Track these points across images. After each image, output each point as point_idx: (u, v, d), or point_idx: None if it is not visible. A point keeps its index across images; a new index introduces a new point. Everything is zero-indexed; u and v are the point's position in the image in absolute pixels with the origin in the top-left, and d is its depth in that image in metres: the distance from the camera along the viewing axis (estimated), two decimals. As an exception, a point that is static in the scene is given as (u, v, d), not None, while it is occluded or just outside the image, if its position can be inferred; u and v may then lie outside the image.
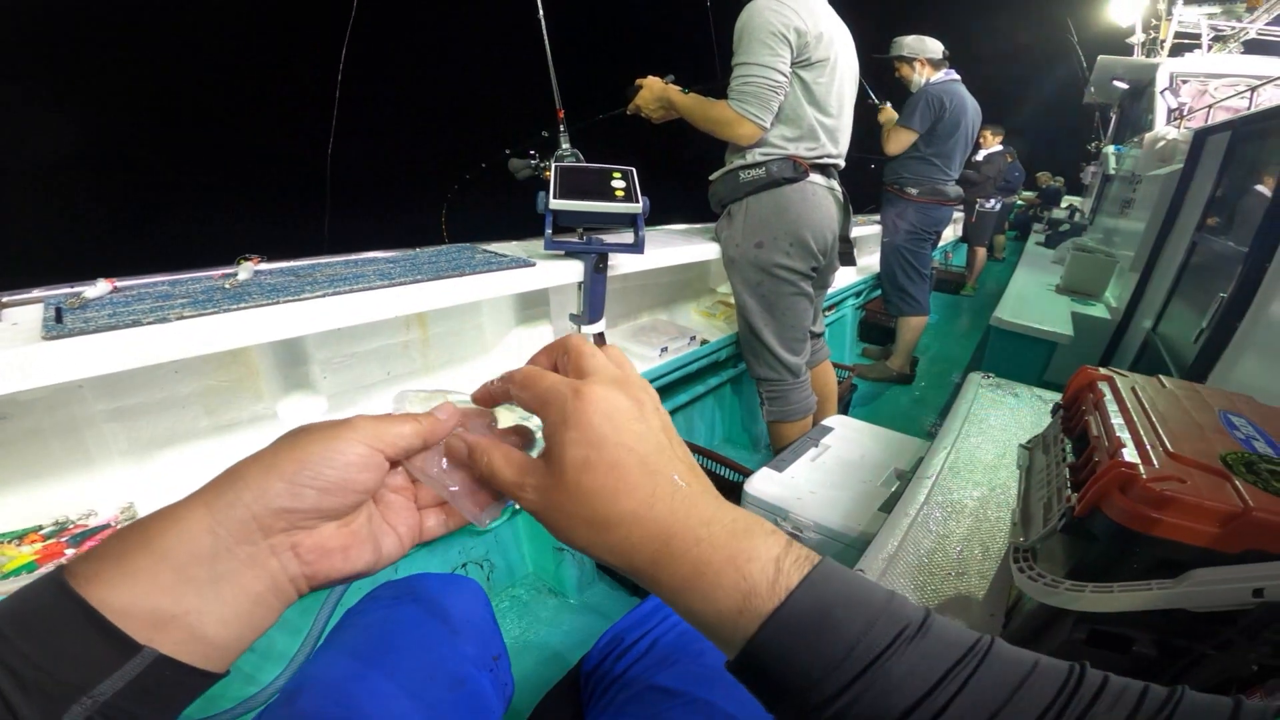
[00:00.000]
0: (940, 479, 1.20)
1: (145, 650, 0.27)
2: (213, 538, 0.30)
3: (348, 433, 0.34)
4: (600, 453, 0.34)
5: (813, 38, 1.54)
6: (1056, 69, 13.26)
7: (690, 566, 0.33)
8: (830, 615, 0.31)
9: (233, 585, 0.31)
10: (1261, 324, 1.48)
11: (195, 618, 0.29)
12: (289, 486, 0.32)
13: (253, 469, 0.32)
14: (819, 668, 0.30)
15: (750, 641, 0.31)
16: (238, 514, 0.31)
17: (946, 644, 0.31)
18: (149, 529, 0.30)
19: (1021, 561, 0.64)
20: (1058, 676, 0.30)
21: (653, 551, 0.34)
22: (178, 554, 0.29)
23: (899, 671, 0.30)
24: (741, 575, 0.32)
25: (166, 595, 0.28)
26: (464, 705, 0.58)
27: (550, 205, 1.35)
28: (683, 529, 0.34)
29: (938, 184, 2.94)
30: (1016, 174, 6.53)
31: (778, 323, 1.76)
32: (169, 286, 1.08)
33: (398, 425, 0.37)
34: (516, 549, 1.59)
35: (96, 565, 0.28)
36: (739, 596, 0.32)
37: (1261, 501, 0.51)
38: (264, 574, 0.32)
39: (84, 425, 1.01)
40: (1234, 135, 2.11)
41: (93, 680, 0.26)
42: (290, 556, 0.33)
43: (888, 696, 0.29)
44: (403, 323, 1.44)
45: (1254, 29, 6.05)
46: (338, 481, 0.34)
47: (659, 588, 0.35)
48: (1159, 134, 3.63)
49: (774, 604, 0.31)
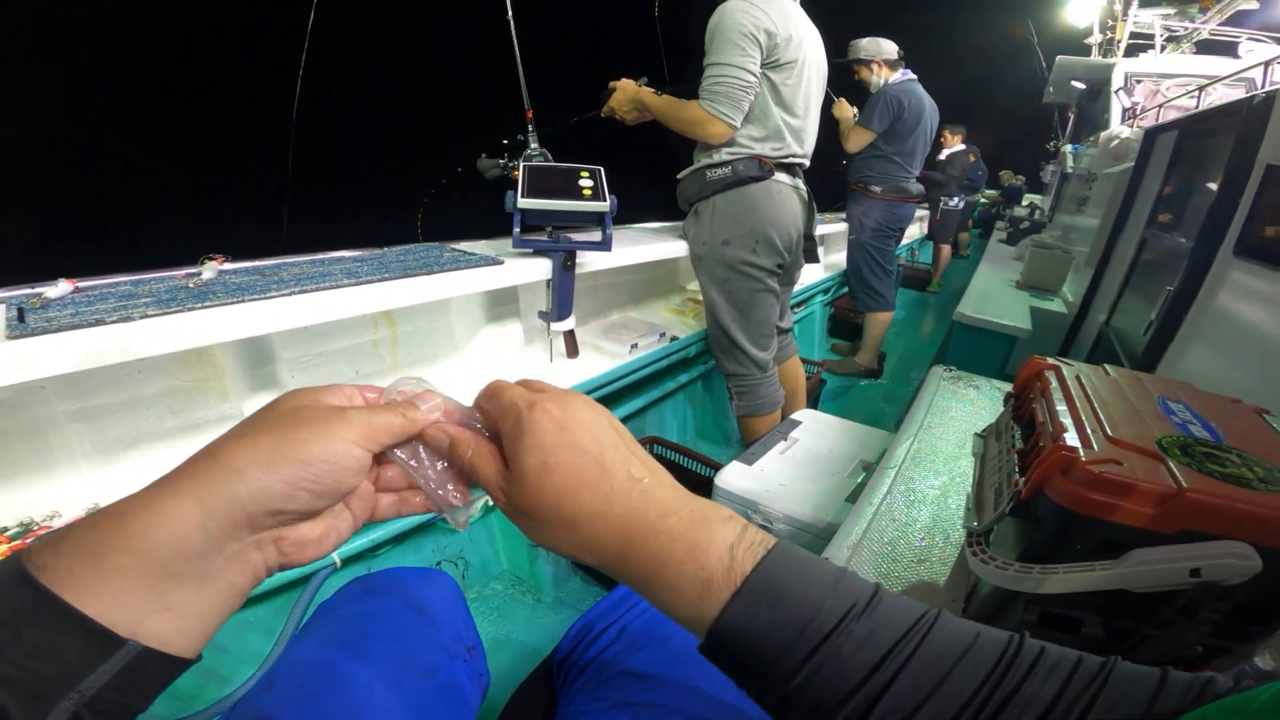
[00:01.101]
0: (903, 469, 1.23)
1: (129, 644, 0.27)
2: (204, 535, 0.29)
3: (344, 431, 0.34)
4: (556, 456, 0.36)
5: (782, 39, 1.56)
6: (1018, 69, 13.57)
7: (652, 559, 0.35)
8: (782, 599, 0.33)
9: (218, 580, 0.31)
10: (1206, 316, 1.55)
11: (178, 611, 0.29)
12: (287, 489, 0.32)
13: (249, 461, 0.31)
14: (776, 648, 0.32)
15: (713, 627, 0.34)
16: (232, 512, 0.30)
17: (893, 620, 0.33)
18: (127, 523, 0.28)
19: (975, 546, 0.67)
20: (996, 647, 0.32)
21: (618, 546, 0.36)
22: (163, 553, 0.28)
23: (848, 648, 0.32)
24: (699, 565, 0.34)
25: (151, 593, 0.28)
26: (438, 694, 0.59)
27: (518, 204, 1.36)
28: (641, 522, 0.36)
29: (900, 181, 3.01)
30: (979, 173, 6.67)
31: (745, 319, 1.79)
32: (132, 286, 1.07)
33: (388, 418, 0.37)
34: (491, 546, 1.59)
35: (69, 562, 0.27)
36: (699, 585, 0.34)
37: (1195, 482, 0.54)
38: (247, 568, 0.32)
39: (47, 426, 1.00)
40: (1181, 134, 2.19)
41: (78, 676, 0.26)
42: (273, 550, 0.34)
43: (839, 673, 0.31)
44: (371, 321, 1.44)
45: (1206, 29, 6.24)
46: (332, 486, 0.34)
47: (629, 581, 0.37)
48: (1113, 133, 3.74)
49: (730, 592, 0.33)
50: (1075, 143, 6.15)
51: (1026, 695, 0.29)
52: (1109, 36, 7.19)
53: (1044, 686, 0.30)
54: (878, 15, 17.05)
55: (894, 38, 2.95)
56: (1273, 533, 0.52)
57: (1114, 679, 0.30)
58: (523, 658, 1.39)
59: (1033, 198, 9.63)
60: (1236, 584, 0.54)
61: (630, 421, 1.97)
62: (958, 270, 6.65)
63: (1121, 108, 4.86)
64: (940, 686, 0.30)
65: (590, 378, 1.56)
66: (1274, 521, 0.52)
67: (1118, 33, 6.79)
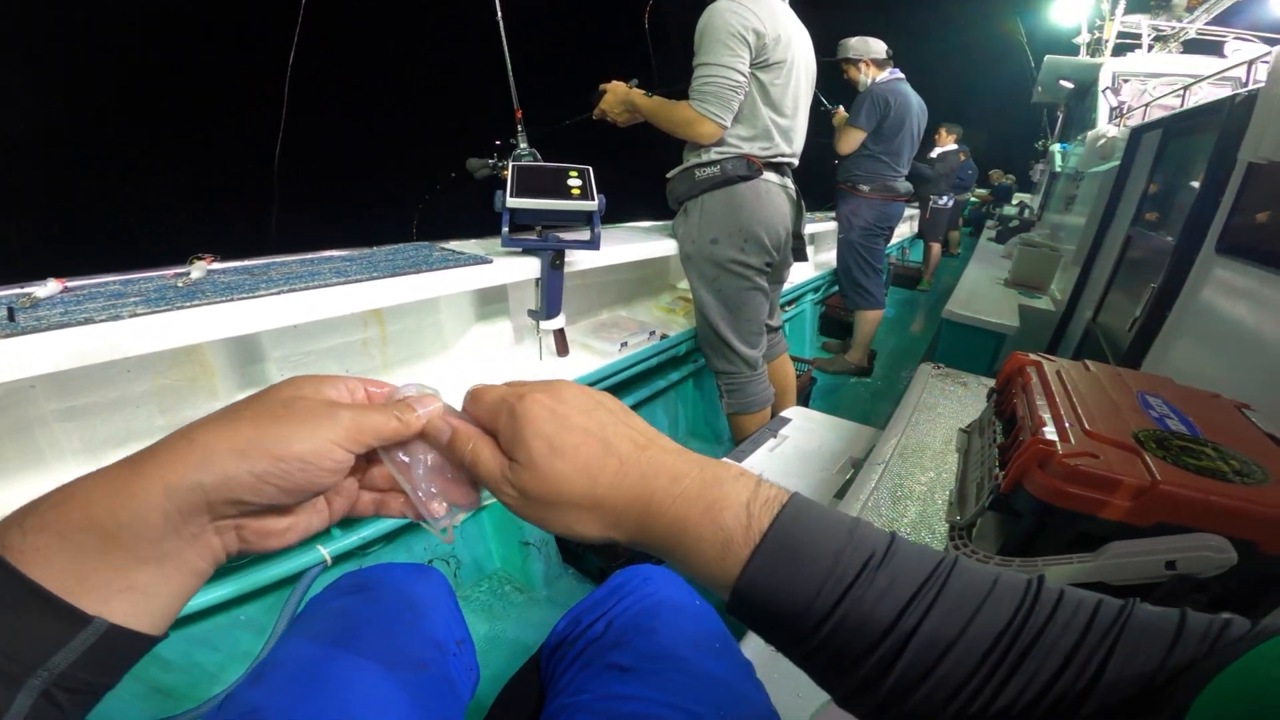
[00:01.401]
0: (890, 465, 1.24)
1: (96, 621, 0.27)
2: (164, 519, 0.29)
3: (329, 430, 0.34)
4: (559, 438, 0.37)
5: (771, 39, 1.57)
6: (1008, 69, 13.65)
7: (672, 524, 0.36)
8: (799, 554, 0.34)
9: (177, 561, 0.31)
10: (1189, 312, 1.56)
11: (142, 590, 0.29)
12: (254, 481, 0.31)
13: (221, 449, 0.31)
14: (799, 602, 0.33)
15: (735, 585, 0.34)
16: (195, 499, 0.30)
17: (911, 568, 0.34)
18: (91, 503, 0.29)
19: (957, 539, 0.68)
20: (1016, 592, 0.32)
21: (638, 516, 0.36)
22: (126, 534, 0.29)
23: (870, 598, 0.32)
24: (717, 525, 0.35)
25: (115, 573, 0.28)
26: (427, 688, 0.59)
27: (507, 204, 1.36)
28: (657, 490, 0.36)
29: (888, 180, 3.02)
30: (969, 172, 6.70)
31: (734, 317, 1.80)
32: (121, 286, 1.07)
33: (379, 420, 0.36)
34: (482, 544, 1.59)
35: (34, 540, 0.27)
36: (719, 546, 0.35)
37: (1169, 475, 0.55)
38: (206, 550, 0.32)
39: (36, 425, 0.99)
40: (1165, 132, 2.22)
41: (46, 653, 0.26)
42: (233, 536, 0.33)
43: (863, 624, 0.32)
44: (360, 320, 1.43)
45: (1193, 29, 6.29)
46: (303, 485, 0.33)
47: (653, 549, 0.37)
48: (1100, 132, 3.77)
49: (749, 549, 0.34)
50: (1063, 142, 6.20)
51: (1048, 642, 0.30)
52: (1097, 36, 7.25)
53: (1064, 635, 0.30)
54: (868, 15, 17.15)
55: (884, 37, 2.96)
56: (1246, 525, 0.53)
57: (1131, 624, 0.30)
58: (515, 655, 1.40)
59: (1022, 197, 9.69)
60: (1212, 576, 0.54)
61: (621, 419, 1.96)
62: (948, 269, 6.69)
63: (1109, 107, 4.90)
64: (963, 634, 0.31)
65: (580, 376, 1.56)
66: (1248, 514, 0.53)
67: (1105, 32, 6.84)
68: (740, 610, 0.35)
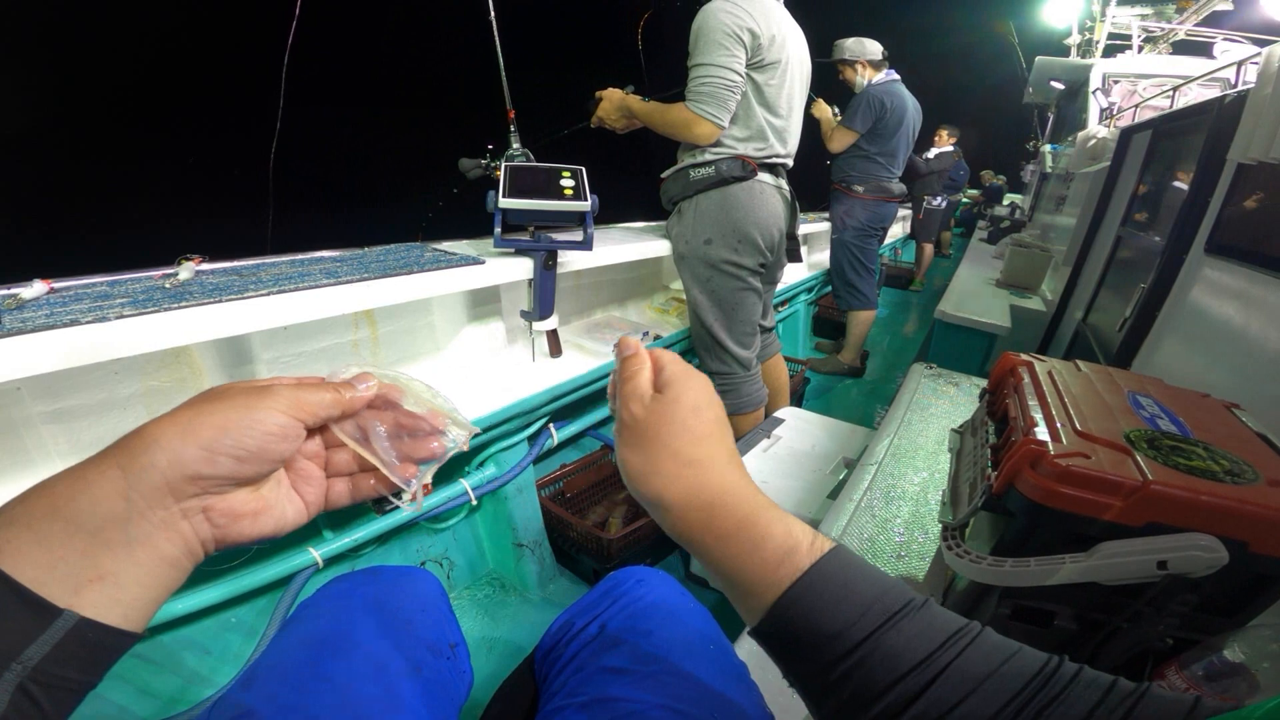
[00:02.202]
0: (884, 465, 1.24)
1: (66, 613, 0.27)
2: (126, 502, 0.30)
3: (269, 400, 0.35)
4: (708, 409, 0.43)
5: (765, 39, 1.57)
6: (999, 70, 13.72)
7: (745, 513, 0.39)
8: (852, 581, 0.37)
9: (146, 548, 0.31)
10: (1179, 312, 1.57)
11: (112, 580, 0.29)
12: (205, 454, 0.32)
13: (168, 431, 0.32)
14: (839, 623, 0.35)
15: (787, 592, 0.37)
16: (151, 478, 0.31)
17: (944, 621, 0.36)
18: (55, 493, 0.29)
19: (950, 539, 0.68)
20: (1038, 659, 0.34)
21: (714, 493, 0.40)
22: (90, 519, 0.29)
23: (904, 636, 0.35)
24: (788, 531, 0.39)
25: (83, 559, 0.28)
26: (420, 692, 0.58)
27: (499, 204, 1.35)
28: (742, 482, 0.41)
29: (882, 181, 3.03)
30: (961, 172, 6.74)
31: (728, 317, 1.80)
32: (108, 287, 1.07)
33: (318, 393, 0.37)
34: (476, 546, 1.59)
35: (5, 533, 0.28)
36: (783, 551, 0.38)
37: (1160, 475, 0.55)
38: (176, 536, 0.32)
39: (22, 427, 0.99)
40: (1154, 133, 2.23)
41: (18, 647, 0.26)
42: (201, 520, 0.34)
43: (892, 657, 0.34)
44: (351, 321, 1.43)
45: (1183, 30, 6.33)
46: (255, 451, 0.34)
47: (703, 535, 0.40)
48: (1090, 133, 3.79)
49: (811, 561, 0.37)
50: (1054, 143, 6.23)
51: (1070, 698, 0.31)
52: (1087, 37, 7.29)
53: (1085, 694, 0.32)
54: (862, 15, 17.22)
55: (877, 37, 2.97)
56: (1237, 525, 0.53)
57: (1147, 699, 0.31)
58: (508, 657, 1.39)
59: (1014, 197, 9.74)
60: (1203, 576, 0.54)
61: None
62: (940, 269, 6.72)
63: (1099, 108, 4.92)
64: (989, 677, 0.33)
65: (573, 376, 1.56)
66: (1238, 514, 0.53)
67: (1096, 33, 6.88)
68: (775, 626, 0.37)
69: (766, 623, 0.38)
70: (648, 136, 1.81)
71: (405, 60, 17.81)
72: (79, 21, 12.95)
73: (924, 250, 5.94)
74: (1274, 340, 1.16)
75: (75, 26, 12.92)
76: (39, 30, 12.60)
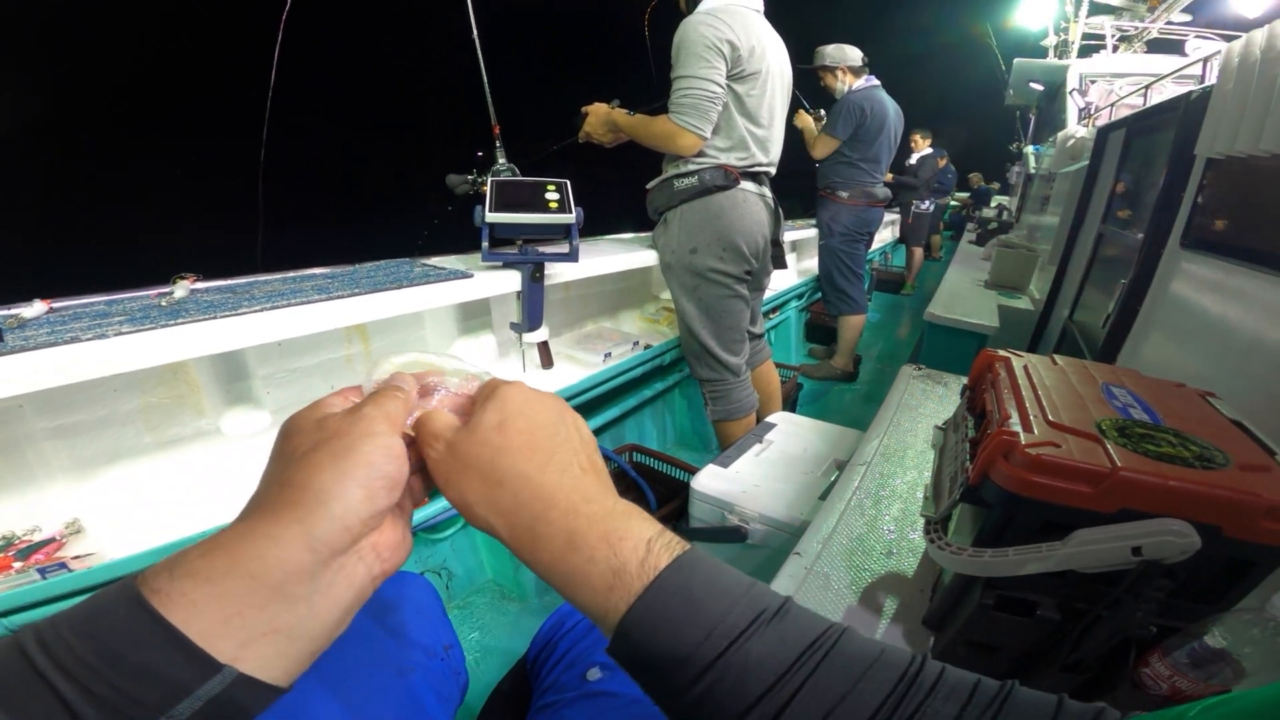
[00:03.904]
0: (873, 465, 1.25)
1: (226, 670, 0.27)
2: (312, 555, 0.30)
3: (381, 425, 0.35)
4: (514, 419, 0.38)
5: (745, 51, 1.59)
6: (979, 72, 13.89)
7: (565, 537, 0.35)
8: (694, 598, 0.33)
9: (328, 598, 0.31)
10: (1159, 306, 1.60)
11: (285, 634, 0.29)
12: (365, 492, 0.33)
13: (326, 481, 0.32)
14: (683, 647, 0.32)
15: (622, 621, 0.33)
16: (333, 528, 0.31)
17: (800, 631, 0.33)
18: (235, 550, 0.29)
19: (932, 533, 0.69)
20: (899, 666, 0.33)
21: (533, 514, 0.36)
22: (276, 574, 0.29)
23: (755, 655, 0.32)
24: (613, 552, 0.34)
25: (261, 615, 0.28)
26: (412, 692, 0.59)
27: (486, 218, 1.37)
28: (563, 498, 0.36)
29: (866, 186, 3.06)
30: (949, 176, 6.80)
31: (715, 324, 1.81)
32: (105, 306, 1.10)
33: (392, 403, 0.38)
34: (474, 556, 1.59)
35: (181, 585, 0.27)
36: (610, 574, 0.34)
37: (1129, 462, 0.56)
38: (355, 580, 0.33)
39: (25, 443, 1.02)
40: (1129, 131, 2.27)
41: (171, 701, 0.25)
42: (373, 558, 0.34)
43: (744, 681, 0.31)
44: (344, 336, 1.44)
45: (1155, 28, 6.43)
46: (396, 476, 0.35)
47: (534, 559, 0.36)
48: (1069, 132, 3.85)
49: (643, 584, 0.33)
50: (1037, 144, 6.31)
51: (927, 716, 0.30)
52: (1063, 38, 7.39)
53: (944, 707, 0.30)
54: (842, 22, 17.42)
55: (861, 44, 3.01)
56: (1208, 509, 0.54)
57: (1011, 704, 0.30)
58: (508, 664, 1.38)
59: (1001, 199, 9.83)
60: (1178, 561, 0.55)
61: (609, 430, 1.98)
62: (931, 272, 6.76)
63: (1077, 108, 4.99)
64: (842, 702, 0.31)
65: (564, 387, 1.57)
66: (1208, 498, 0.54)
67: (1071, 34, 6.98)
68: (622, 651, 0.34)
69: (612, 649, 0.34)
70: (633, 148, 1.84)
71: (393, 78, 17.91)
72: (67, 36, 12.99)
73: (914, 254, 5.98)
74: (1249, 330, 1.18)
75: (64, 40, 12.96)
76: (36, 34, 12.61)
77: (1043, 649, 0.66)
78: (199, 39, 14.36)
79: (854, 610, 0.86)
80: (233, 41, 11.03)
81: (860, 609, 0.86)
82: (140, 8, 13.80)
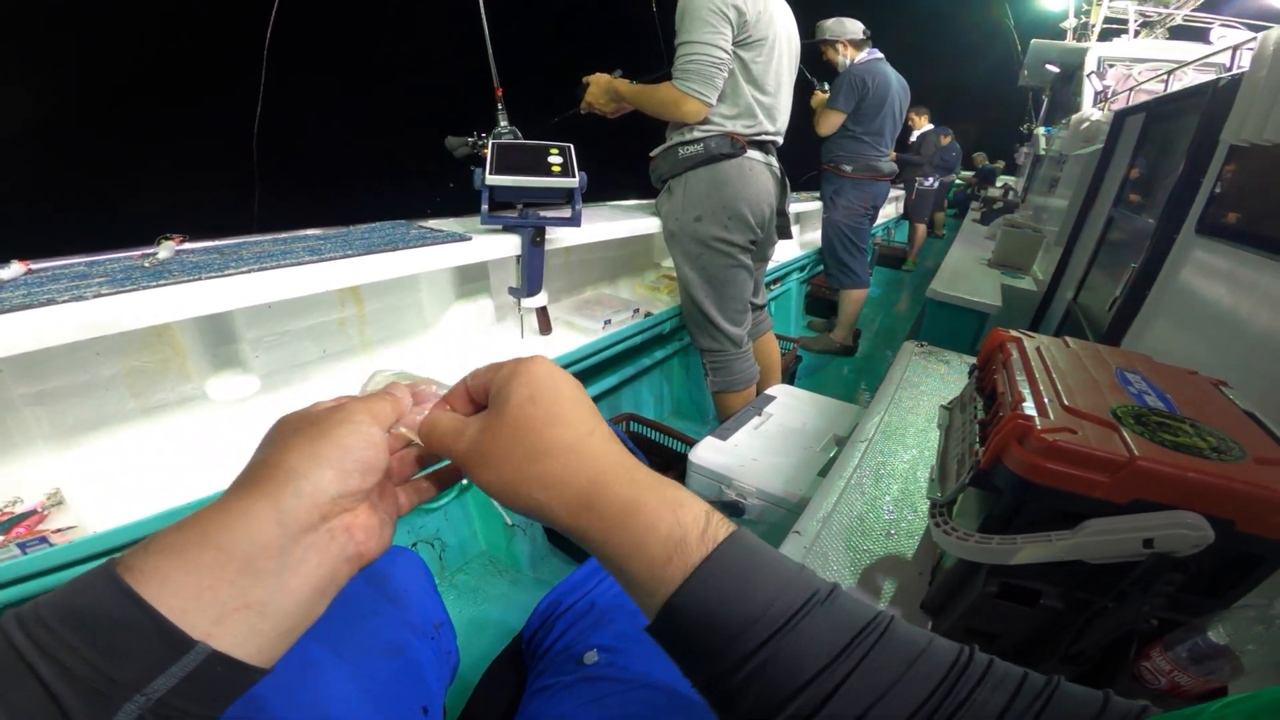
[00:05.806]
0: (874, 443, 1.24)
1: (199, 646, 0.27)
2: (281, 529, 0.30)
3: (360, 415, 0.36)
4: (544, 391, 0.37)
5: (752, 16, 1.55)
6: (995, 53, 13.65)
7: (624, 504, 0.34)
8: (750, 574, 0.32)
9: (299, 575, 0.31)
10: (1169, 292, 1.58)
11: (258, 609, 0.29)
12: (337, 473, 0.33)
13: (299, 460, 0.32)
14: (736, 624, 0.31)
15: (677, 592, 0.32)
16: (301, 504, 0.31)
17: (850, 615, 0.33)
18: (206, 524, 0.29)
19: (938, 516, 0.68)
20: (949, 655, 0.32)
21: (586, 482, 0.35)
22: (244, 547, 0.29)
23: (807, 635, 0.31)
24: (676, 520, 0.33)
25: (232, 588, 0.28)
26: (403, 672, 0.58)
27: (487, 180, 1.34)
28: (618, 465, 0.36)
29: (871, 160, 3.02)
30: (954, 154, 6.72)
31: (718, 294, 1.79)
32: (85, 267, 1.06)
33: (381, 404, 0.38)
34: (468, 526, 1.59)
35: (155, 560, 0.27)
36: (670, 544, 0.33)
37: (1146, 451, 0.54)
38: (327, 559, 0.33)
39: (4, 410, 0.99)
40: (1148, 116, 2.22)
41: (146, 678, 0.26)
42: (346, 539, 0.34)
43: (795, 660, 0.31)
44: (337, 299, 1.41)
45: (1180, 15, 6.29)
46: (372, 462, 0.35)
47: (589, 529, 0.35)
48: (1084, 115, 3.78)
49: (701, 555, 0.32)
50: (1048, 125, 6.21)
51: (976, 705, 0.30)
52: (1084, 21, 7.24)
53: (992, 698, 0.30)
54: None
55: (870, 21, 2.94)
56: (1223, 503, 0.53)
57: (1058, 697, 0.30)
58: (501, 638, 1.40)
59: (1007, 179, 9.73)
60: (1189, 555, 0.54)
61: (606, 398, 1.97)
62: (933, 249, 6.72)
63: (1093, 91, 4.90)
64: (893, 688, 0.30)
65: (563, 353, 1.55)
66: (1225, 491, 0.53)
67: (1092, 17, 6.83)
68: (667, 628, 0.33)
69: (660, 622, 0.33)
70: (637, 115, 1.79)
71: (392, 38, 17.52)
72: (66, 7, 12.66)
73: (917, 230, 5.95)
74: (1262, 319, 1.16)
75: (55, 6, 12.63)
76: (26, 15, 12.30)
77: (1043, 639, 0.65)
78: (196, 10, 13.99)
79: (852, 592, 0.85)
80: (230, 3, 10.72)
81: (859, 591, 0.86)
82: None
